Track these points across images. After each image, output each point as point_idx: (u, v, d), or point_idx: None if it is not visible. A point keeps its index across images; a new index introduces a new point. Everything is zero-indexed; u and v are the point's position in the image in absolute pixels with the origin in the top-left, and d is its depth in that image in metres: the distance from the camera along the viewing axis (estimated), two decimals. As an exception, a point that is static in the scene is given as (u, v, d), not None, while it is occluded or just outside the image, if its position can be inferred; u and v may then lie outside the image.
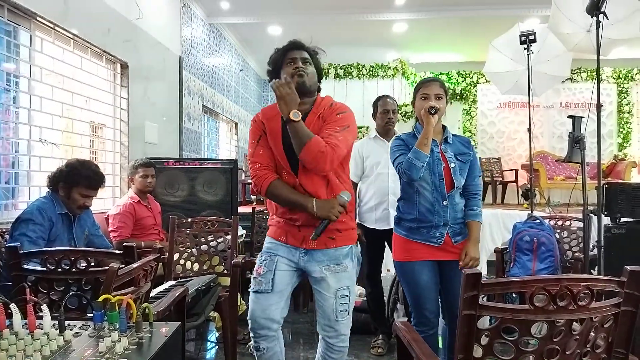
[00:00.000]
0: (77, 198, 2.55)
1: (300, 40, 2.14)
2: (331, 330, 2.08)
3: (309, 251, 2.05)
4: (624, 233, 2.89)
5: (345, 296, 2.06)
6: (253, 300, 2.07)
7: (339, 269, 2.05)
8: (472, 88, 9.20)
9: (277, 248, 2.09)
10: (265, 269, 2.06)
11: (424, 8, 6.86)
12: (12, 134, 3.25)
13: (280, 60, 2.10)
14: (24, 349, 1.06)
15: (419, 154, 2.19)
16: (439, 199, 2.27)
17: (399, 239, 2.39)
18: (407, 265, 2.32)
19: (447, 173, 2.29)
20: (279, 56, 2.10)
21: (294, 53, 2.09)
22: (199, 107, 6.55)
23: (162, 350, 1.10)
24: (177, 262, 3.17)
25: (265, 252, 2.11)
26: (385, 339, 3.31)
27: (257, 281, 2.06)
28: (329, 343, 2.10)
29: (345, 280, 2.06)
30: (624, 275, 1.18)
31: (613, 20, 3.08)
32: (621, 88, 8.96)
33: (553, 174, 7.92)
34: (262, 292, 2.04)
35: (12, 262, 1.80)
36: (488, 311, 1.16)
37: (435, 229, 2.27)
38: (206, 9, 6.69)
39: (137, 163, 3.71)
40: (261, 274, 2.05)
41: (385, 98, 3.29)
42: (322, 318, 2.09)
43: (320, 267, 2.04)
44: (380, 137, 3.28)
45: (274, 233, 2.14)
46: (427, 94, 2.31)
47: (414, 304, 2.35)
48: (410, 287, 2.33)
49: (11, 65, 3.22)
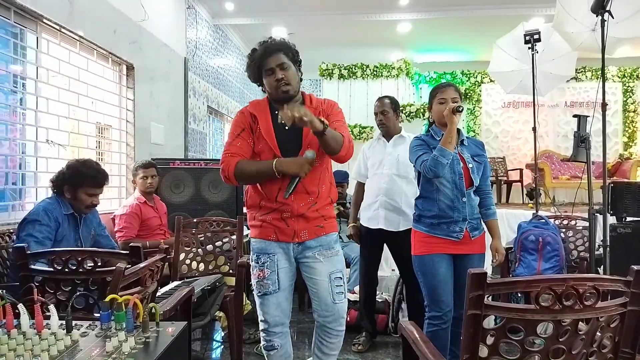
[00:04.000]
0: (85, 198, 2.56)
1: (272, 41, 2.11)
2: (329, 315, 2.12)
3: (302, 243, 2.10)
4: (629, 232, 2.88)
5: (339, 278, 2.14)
6: (263, 303, 2.10)
7: (331, 254, 2.14)
8: (476, 87, 9.17)
9: (270, 247, 2.10)
10: (269, 270, 2.08)
11: (428, 8, 6.84)
12: (19, 136, 3.27)
13: (256, 72, 2.10)
14: (32, 349, 1.07)
15: (444, 152, 2.29)
16: (458, 196, 2.39)
17: (420, 235, 2.48)
18: (426, 257, 2.42)
19: (465, 172, 2.42)
20: (255, 68, 2.09)
21: (270, 62, 2.05)
22: (204, 108, 6.57)
23: (168, 350, 1.11)
24: (183, 262, 3.18)
25: (262, 254, 2.10)
26: (367, 337, 3.32)
27: (263, 284, 2.08)
28: (328, 328, 2.13)
29: (337, 264, 2.15)
30: (630, 275, 1.18)
31: (618, 19, 3.08)
32: (626, 87, 8.90)
33: (558, 173, 7.89)
34: (271, 293, 2.08)
35: (19, 262, 1.80)
36: (493, 311, 1.16)
37: (455, 224, 2.39)
38: (211, 10, 6.71)
39: (136, 165, 3.72)
40: (266, 277, 2.07)
41: (377, 100, 3.31)
42: (319, 304, 2.12)
43: (314, 253, 2.11)
44: (382, 137, 3.29)
45: (261, 233, 2.12)
46: (445, 98, 2.43)
47: (430, 296, 2.42)
48: (428, 278, 2.41)
49: (18, 67, 3.24)
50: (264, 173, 2.02)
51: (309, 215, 2.10)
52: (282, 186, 2.04)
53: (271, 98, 2.14)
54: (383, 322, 3.54)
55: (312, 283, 2.13)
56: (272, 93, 2.09)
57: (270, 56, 2.06)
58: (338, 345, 2.20)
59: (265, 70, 2.07)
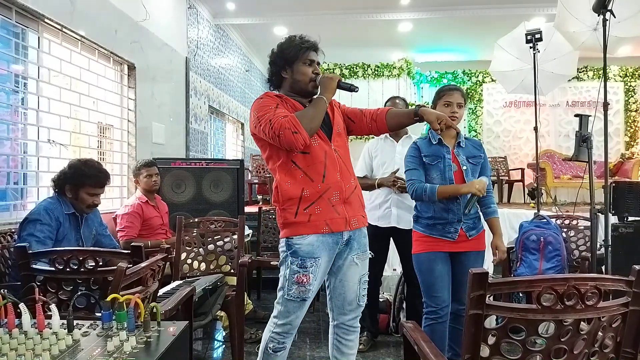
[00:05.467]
0: (86, 198, 2.56)
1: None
2: (351, 313, 2.09)
3: (350, 241, 2.03)
4: (631, 232, 2.88)
5: (366, 281, 2.11)
6: (296, 307, 1.97)
7: (365, 257, 2.10)
8: (477, 87, 9.16)
9: (319, 247, 1.95)
10: (312, 276, 1.94)
11: (429, 7, 6.84)
12: (20, 135, 3.27)
13: (297, 54, 2.04)
14: (33, 348, 1.07)
15: (433, 197, 2.38)
16: (452, 199, 2.42)
17: (418, 234, 2.54)
18: (423, 255, 2.47)
19: (459, 176, 2.45)
20: (297, 50, 2.05)
21: (314, 55, 2.08)
22: (206, 107, 6.57)
23: (169, 349, 1.11)
24: (184, 261, 3.19)
25: (308, 258, 1.93)
26: (369, 337, 3.31)
27: (303, 290, 1.94)
28: (347, 326, 2.10)
29: (367, 266, 2.12)
30: (632, 275, 1.18)
31: (620, 18, 3.06)
32: (628, 86, 8.89)
33: (560, 173, 7.88)
34: (309, 299, 1.99)
35: (20, 262, 1.81)
36: (495, 311, 1.16)
37: (450, 225, 2.43)
38: (212, 10, 6.71)
39: (139, 164, 3.73)
40: (309, 282, 1.94)
41: (393, 99, 3.32)
42: (343, 305, 2.08)
43: (352, 257, 2.05)
44: (390, 137, 3.28)
45: (313, 228, 1.93)
46: (450, 101, 2.48)
47: (427, 292, 2.46)
48: (424, 275, 2.45)
49: (19, 67, 3.25)
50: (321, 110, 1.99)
51: (352, 201, 2.03)
52: (329, 163, 1.97)
53: (292, 89, 2.09)
54: (384, 322, 3.54)
55: (342, 285, 2.06)
56: (303, 82, 2.06)
57: (315, 50, 2.09)
58: (356, 343, 2.15)
59: (306, 59, 2.05)
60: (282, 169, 1.99)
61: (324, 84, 2.03)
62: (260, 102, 1.99)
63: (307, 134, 1.89)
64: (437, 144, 2.51)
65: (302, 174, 1.96)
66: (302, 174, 1.96)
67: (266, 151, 2.04)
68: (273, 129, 1.86)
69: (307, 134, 1.89)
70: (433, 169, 2.47)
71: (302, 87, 2.07)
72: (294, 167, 1.97)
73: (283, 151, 1.96)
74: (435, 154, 2.49)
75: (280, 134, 1.85)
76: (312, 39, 2.11)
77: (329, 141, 2.02)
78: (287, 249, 1.97)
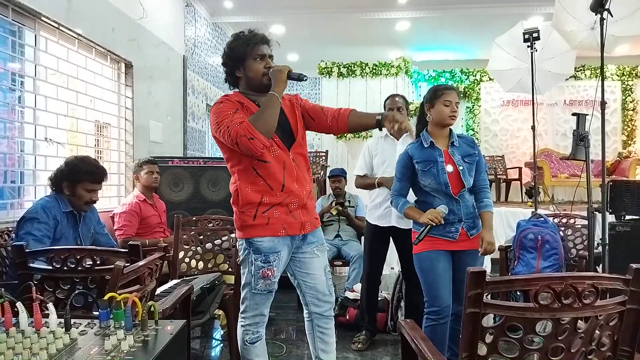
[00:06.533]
0: (83, 194, 2.55)
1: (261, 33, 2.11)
2: (326, 304, 2.20)
3: (305, 235, 2.13)
4: (628, 231, 2.88)
5: (329, 272, 2.26)
6: (263, 299, 2.09)
7: (323, 249, 2.22)
8: (475, 86, 9.16)
9: (278, 245, 2.04)
10: (276, 269, 2.05)
11: (427, 6, 6.84)
12: (17, 134, 3.26)
13: (245, 51, 2.05)
14: (30, 347, 1.07)
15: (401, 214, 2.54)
16: (451, 200, 2.43)
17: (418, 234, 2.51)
18: (424, 254, 2.46)
19: (455, 176, 2.44)
20: (245, 47, 2.05)
21: (265, 48, 2.07)
22: (203, 106, 6.56)
23: (167, 348, 1.11)
24: (182, 260, 3.18)
25: (271, 253, 2.03)
26: (367, 335, 3.31)
27: (269, 283, 2.05)
28: (323, 315, 2.21)
29: (327, 258, 2.25)
30: (629, 273, 1.18)
31: (617, 17, 3.07)
32: (625, 85, 8.90)
33: (557, 172, 7.89)
34: (273, 290, 2.10)
35: (18, 260, 1.80)
36: (492, 309, 1.16)
37: (451, 225, 2.42)
38: (210, 8, 6.70)
39: (141, 161, 3.74)
40: (274, 276, 2.05)
41: (393, 97, 3.29)
42: (317, 297, 2.18)
43: (312, 249, 2.16)
44: (390, 135, 3.26)
45: (271, 230, 2.03)
46: (450, 100, 2.47)
47: (428, 291, 2.44)
48: (426, 273, 2.44)
49: (16, 65, 3.24)
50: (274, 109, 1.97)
51: (308, 205, 2.13)
52: (287, 174, 2.03)
53: (248, 86, 2.11)
54: (382, 321, 3.54)
55: (310, 278, 2.16)
56: (256, 79, 2.06)
57: (263, 44, 2.07)
58: (333, 330, 2.26)
59: (255, 55, 2.04)
60: (243, 174, 2.04)
61: (274, 77, 2.01)
62: (219, 107, 2.01)
63: (264, 138, 1.91)
64: (428, 147, 2.47)
65: (262, 181, 2.02)
66: (262, 181, 2.02)
67: (226, 153, 2.08)
68: (230, 136, 1.89)
69: (264, 137, 1.91)
70: (426, 175, 2.43)
71: (256, 83, 2.08)
72: (255, 174, 2.02)
73: (245, 157, 1.99)
74: (427, 158, 2.45)
75: (237, 142, 1.88)
76: (260, 32, 2.10)
77: (288, 150, 2.07)
78: (248, 247, 2.05)
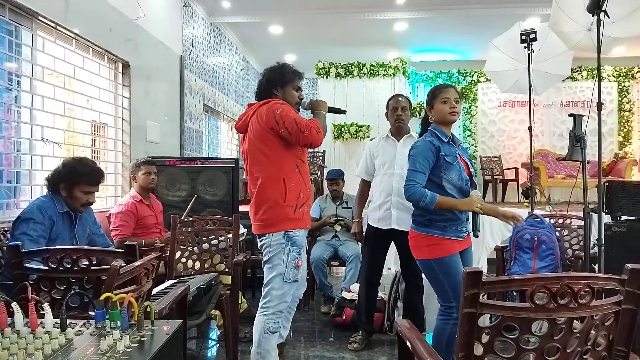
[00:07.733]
0: (80, 196, 2.54)
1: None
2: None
3: None
4: (624, 231, 2.89)
5: None
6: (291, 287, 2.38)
7: None
8: (472, 87, 9.19)
9: (305, 238, 2.41)
10: (303, 260, 2.41)
11: (424, 7, 6.85)
12: (14, 133, 3.25)
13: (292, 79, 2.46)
14: (26, 348, 1.07)
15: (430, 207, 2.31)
16: (462, 198, 2.44)
17: (432, 239, 2.41)
18: (446, 259, 2.41)
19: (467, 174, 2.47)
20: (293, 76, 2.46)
21: (301, 83, 2.53)
22: (201, 106, 6.55)
23: (163, 349, 1.11)
24: (179, 260, 3.18)
25: (301, 247, 2.37)
26: (364, 335, 3.31)
27: (297, 272, 2.36)
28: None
29: None
30: (624, 274, 1.18)
31: (614, 18, 3.07)
32: (622, 86, 8.94)
33: (553, 173, 7.92)
34: (299, 280, 2.39)
35: (13, 261, 1.79)
36: (489, 309, 1.16)
37: (462, 225, 2.45)
38: (207, 8, 6.69)
39: (139, 161, 3.72)
40: (302, 266, 2.39)
41: (396, 97, 3.30)
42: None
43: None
44: (391, 136, 3.26)
45: (304, 224, 2.39)
46: (448, 97, 2.46)
47: (456, 292, 2.40)
48: (452, 277, 2.41)
49: (13, 64, 3.23)
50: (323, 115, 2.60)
51: None
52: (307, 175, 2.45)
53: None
54: (379, 321, 3.54)
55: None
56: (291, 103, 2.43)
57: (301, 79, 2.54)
58: None
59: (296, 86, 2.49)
60: (289, 171, 2.34)
61: (318, 105, 2.53)
62: (282, 106, 2.32)
63: (323, 136, 2.33)
64: (447, 142, 2.43)
65: (301, 177, 2.37)
66: (301, 177, 2.37)
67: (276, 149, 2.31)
68: (299, 125, 2.22)
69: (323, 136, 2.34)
70: (451, 169, 2.37)
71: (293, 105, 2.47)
72: (297, 171, 2.37)
73: (291, 155, 2.33)
74: (452, 153, 2.41)
75: (305, 131, 2.22)
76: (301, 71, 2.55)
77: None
78: (287, 241, 2.32)
